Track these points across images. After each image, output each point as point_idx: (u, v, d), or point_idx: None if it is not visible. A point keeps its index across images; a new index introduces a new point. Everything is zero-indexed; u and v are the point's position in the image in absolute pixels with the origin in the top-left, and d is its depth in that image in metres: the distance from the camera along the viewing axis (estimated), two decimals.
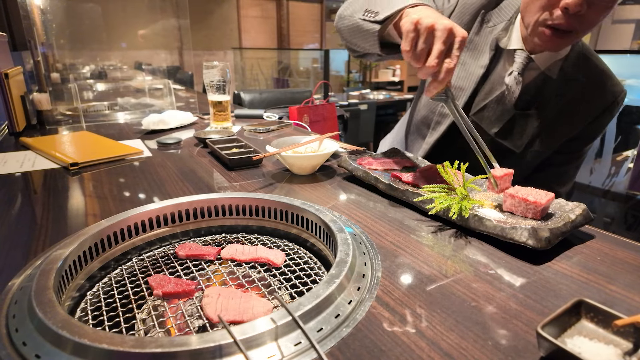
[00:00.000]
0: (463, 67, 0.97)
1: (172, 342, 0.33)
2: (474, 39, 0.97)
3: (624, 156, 2.42)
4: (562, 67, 0.89)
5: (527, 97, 0.92)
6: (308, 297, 0.39)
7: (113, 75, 2.51)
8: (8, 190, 0.78)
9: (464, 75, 0.97)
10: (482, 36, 0.96)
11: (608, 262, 0.50)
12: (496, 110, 0.94)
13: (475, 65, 0.95)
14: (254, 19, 6.16)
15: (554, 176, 1.00)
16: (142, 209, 0.58)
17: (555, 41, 0.81)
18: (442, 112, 1.00)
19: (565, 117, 0.92)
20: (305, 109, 1.72)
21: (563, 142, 0.95)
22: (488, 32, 0.95)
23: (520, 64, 0.89)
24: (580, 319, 0.36)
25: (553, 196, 0.58)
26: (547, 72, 0.89)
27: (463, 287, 0.45)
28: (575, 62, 0.90)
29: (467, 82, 0.96)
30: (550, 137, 0.94)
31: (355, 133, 3.43)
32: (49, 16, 1.72)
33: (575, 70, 0.90)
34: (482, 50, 0.95)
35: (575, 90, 0.90)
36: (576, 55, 0.90)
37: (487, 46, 0.94)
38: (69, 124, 1.41)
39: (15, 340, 0.36)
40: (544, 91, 0.91)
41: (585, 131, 0.94)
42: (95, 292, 0.49)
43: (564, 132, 0.94)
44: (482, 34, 0.96)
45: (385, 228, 0.60)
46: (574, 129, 0.93)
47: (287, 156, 0.80)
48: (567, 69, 0.89)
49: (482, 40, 0.96)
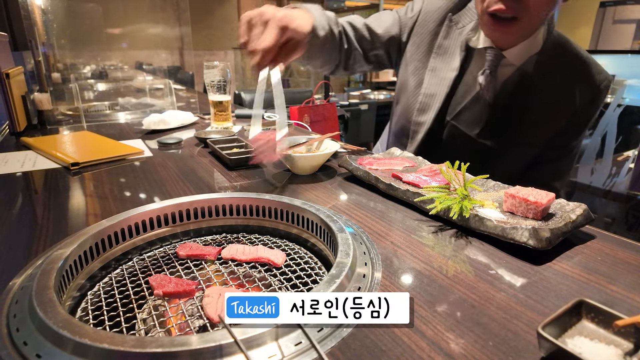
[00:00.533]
0: (434, 74, 0.96)
1: (172, 342, 0.33)
2: (443, 43, 0.95)
3: (625, 156, 2.41)
4: (538, 60, 0.87)
5: (505, 95, 0.90)
6: None
7: (114, 75, 2.51)
8: (9, 190, 0.78)
9: (436, 82, 0.96)
10: (452, 39, 0.95)
11: (609, 263, 0.50)
12: (474, 111, 0.93)
13: (447, 69, 0.94)
14: None
15: (547, 173, 0.97)
16: (142, 208, 0.58)
17: (499, 29, 0.79)
18: (417, 121, 0.99)
19: (547, 111, 0.90)
20: (305, 109, 1.72)
21: (550, 137, 0.92)
22: (458, 34, 0.94)
23: (491, 62, 0.87)
24: (580, 319, 0.36)
25: (554, 196, 0.58)
26: (523, 68, 0.88)
27: (464, 287, 0.45)
28: (551, 55, 0.87)
29: (440, 87, 0.95)
30: (535, 133, 0.92)
31: (356, 133, 3.43)
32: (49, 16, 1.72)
33: (553, 63, 0.88)
34: (453, 53, 0.94)
35: (555, 83, 0.88)
36: (552, 47, 0.88)
37: (458, 49, 0.93)
38: (70, 124, 1.41)
39: (16, 339, 0.36)
40: (522, 87, 0.89)
41: (571, 124, 0.91)
42: (96, 292, 0.49)
43: (549, 127, 0.91)
44: (451, 37, 0.95)
45: (385, 228, 0.59)
46: (559, 122, 0.91)
47: (287, 156, 0.80)
48: (543, 62, 0.87)
49: (452, 43, 0.94)
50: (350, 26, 0.96)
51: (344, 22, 0.96)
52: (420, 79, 0.98)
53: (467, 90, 0.93)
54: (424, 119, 0.97)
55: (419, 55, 0.98)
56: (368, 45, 0.99)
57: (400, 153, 0.88)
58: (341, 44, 0.95)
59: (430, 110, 0.96)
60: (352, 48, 0.97)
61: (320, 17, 0.81)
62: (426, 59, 0.97)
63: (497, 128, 0.92)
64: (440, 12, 0.96)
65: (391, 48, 1.01)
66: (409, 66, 1.00)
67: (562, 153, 0.96)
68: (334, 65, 0.98)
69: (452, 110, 0.96)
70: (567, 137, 0.94)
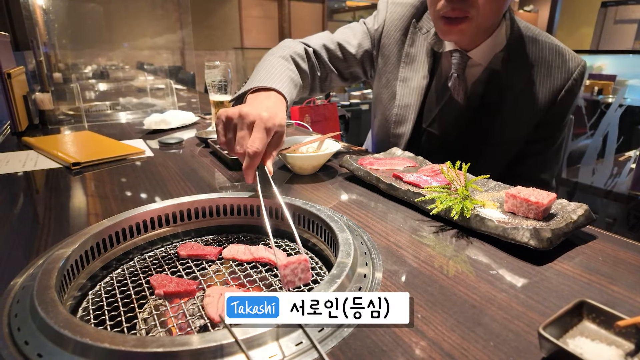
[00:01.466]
0: (406, 84, 0.96)
1: (173, 341, 0.33)
2: (410, 51, 0.95)
3: (627, 156, 2.41)
4: (505, 57, 0.86)
5: (477, 96, 0.90)
6: None
7: (115, 75, 2.51)
8: (10, 190, 0.78)
9: (408, 92, 0.95)
10: (418, 46, 0.94)
11: (610, 263, 0.50)
12: (449, 115, 0.93)
13: (417, 78, 0.94)
14: (255, 19, 6.16)
15: (534, 166, 0.96)
16: (143, 208, 0.58)
17: (451, 30, 0.79)
18: (395, 134, 0.99)
19: (522, 106, 0.88)
20: (306, 109, 1.72)
21: (530, 131, 0.91)
22: (423, 40, 0.93)
23: (458, 64, 0.87)
24: (582, 320, 0.36)
25: (555, 197, 0.57)
26: (490, 66, 0.87)
27: (465, 287, 0.45)
28: (518, 49, 0.86)
29: (413, 97, 0.95)
30: (513, 129, 0.90)
31: (357, 133, 3.43)
32: (51, 16, 1.73)
33: (521, 57, 0.87)
34: (421, 61, 0.93)
35: (526, 77, 0.87)
36: (517, 42, 0.87)
37: (425, 55, 0.92)
38: (71, 124, 1.42)
39: (17, 339, 0.36)
40: (493, 85, 0.88)
41: (550, 115, 0.89)
42: (97, 292, 0.49)
43: (526, 121, 0.90)
44: (417, 44, 0.94)
45: (386, 228, 0.59)
46: (535, 115, 0.89)
47: (288, 156, 0.80)
48: (510, 58, 0.86)
49: (419, 50, 0.94)
50: (323, 49, 0.96)
51: (318, 47, 0.96)
52: (392, 92, 0.98)
53: (439, 96, 0.93)
54: (402, 131, 0.98)
55: (389, 67, 0.98)
56: (342, 64, 0.99)
57: (401, 153, 0.88)
58: (314, 73, 0.96)
59: (406, 121, 0.97)
60: (327, 71, 0.98)
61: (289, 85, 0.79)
62: (396, 70, 0.97)
63: (473, 130, 0.92)
64: (404, 20, 0.95)
65: (365, 63, 1.01)
66: (381, 79, 1.01)
67: (546, 145, 0.94)
68: (309, 90, 0.99)
69: (427, 117, 0.96)
70: (548, 129, 0.92)
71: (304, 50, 0.93)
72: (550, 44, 0.88)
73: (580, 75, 0.88)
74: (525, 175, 0.95)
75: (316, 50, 0.96)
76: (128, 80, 2.34)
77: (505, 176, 0.95)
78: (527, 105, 0.88)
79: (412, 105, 0.95)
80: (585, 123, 2.53)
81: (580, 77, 0.88)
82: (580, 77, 0.88)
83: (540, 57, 0.87)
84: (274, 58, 0.85)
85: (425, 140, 0.98)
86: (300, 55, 0.92)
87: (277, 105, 0.70)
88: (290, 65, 0.86)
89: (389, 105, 0.99)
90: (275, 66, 0.82)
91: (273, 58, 0.85)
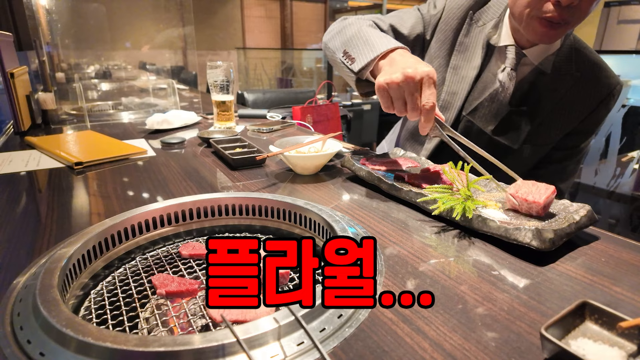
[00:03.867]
0: (456, 72, 0.97)
1: (175, 341, 0.33)
2: (464, 41, 0.96)
3: (630, 157, 2.40)
4: (555, 61, 0.88)
5: (521, 93, 0.91)
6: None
7: (117, 75, 2.52)
8: (13, 189, 0.79)
9: (457, 80, 0.96)
10: (472, 37, 0.95)
11: (613, 264, 0.50)
12: (491, 108, 0.94)
13: (468, 67, 0.95)
14: (257, 19, 6.16)
15: (554, 173, 0.98)
16: (145, 208, 0.58)
17: (549, 34, 0.80)
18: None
19: (560, 112, 0.91)
20: (308, 109, 1.72)
21: (560, 137, 0.94)
22: (478, 32, 0.94)
23: (513, 60, 0.88)
24: (584, 321, 0.36)
25: (554, 189, 0.57)
26: (540, 67, 0.89)
27: (466, 287, 0.45)
28: (567, 56, 0.89)
29: (461, 85, 0.96)
30: (547, 133, 0.93)
31: (359, 133, 3.43)
32: (54, 16, 1.73)
33: (568, 64, 0.89)
34: (474, 51, 0.95)
35: (569, 84, 0.89)
36: (568, 49, 0.89)
37: (479, 46, 0.94)
38: (74, 124, 1.42)
39: (19, 338, 0.36)
40: (538, 86, 0.90)
41: (582, 125, 0.93)
42: (99, 291, 0.50)
43: (560, 127, 0.93)
44: (471, 34, 0.96)
45: (388, 228, 0.59)
46: (570, 123, 0.92)
47: (290, 156, 0.80)
48: (559, 63, 0.88)
49: (473, 41, 0.95)
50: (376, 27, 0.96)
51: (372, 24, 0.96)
52: (442, 77, 0.99)
53: (485, 87, 0.94)
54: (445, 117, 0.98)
55: (442, 52, 0.99)
56: None
57: (403, 153, 0.88)
58: None
59: (451, 108, 0.97)
60: None
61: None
62: (448, 56, 0.98)
63: (511, 126, 0.93)
64: (462, 9, 0.97)
65: (416, 46, 1.02)
66: (433, 63, 1.01)
67: (571, 154, 0.97)
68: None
69: (469, 105, 0.97)
70: (577, 138, 0.95)
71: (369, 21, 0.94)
72: (594, 58, 0.91)
73: (617, 93, 0.92)
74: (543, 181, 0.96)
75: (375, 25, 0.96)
76: (130, 80, 2.35)
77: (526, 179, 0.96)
78: (565, 112, 0.91)
79: (459, 93, 0.96)
80: None
81: (617, 95, 0.92)
82: (617, 95, 0.92)
83: (584, 68, 0.90)
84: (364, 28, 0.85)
85: (462, 128, 0.98)
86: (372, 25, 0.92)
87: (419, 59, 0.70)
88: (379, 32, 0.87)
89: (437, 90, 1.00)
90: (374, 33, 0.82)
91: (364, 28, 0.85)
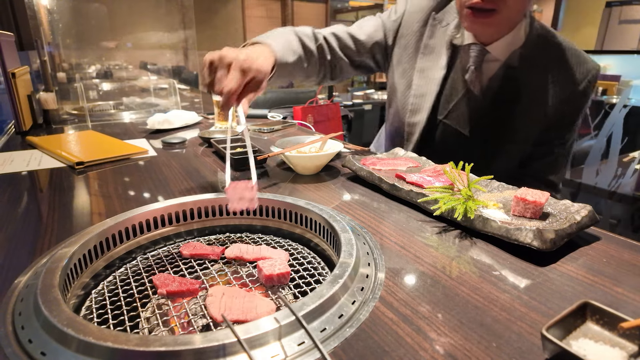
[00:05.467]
0: (423, 74, 0.97)
1: (176, 340, 0.33)
2: (429, 42, 0.96)
3: (631, 157, 2.40)
4: (522, 54, 0.87)
5: (493, 91, 0.90)
6: (311, 297, 0.39)
7: (118, 74, 2.52)
8: (14, 189, 0.79)
9: (425, 82, 0.96)
10: (437, 38, 0.95)
11: (614, 264, 0.50)
12: (465, 109, 0.93)
13: (435, 68, 0.95)
14: (259, 18, 6.16)
15: (543, 167, 0.96)
16: (146, 208, 0.58)
17: (478, 21, 0.80)
18: (410, 122, 0.99)
19: (536, 105, 0.89)
20: (309, 109, 1.72)
21: (542, 130, 0.92)
22: (442, 33, 0.94)
23: (475, 58, 0.88)
24: (585, 321, 0.36)
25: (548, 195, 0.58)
26: (508, 62, 0.88)
27: (467, 288, 0.45)
28: (536, 47, 0.87)
29: (429, 86, 0.95)
30: (526, 128, 0.91)
31: (360, 133, 3.42)
32: (55, 16, 1.73)
33: (538, 55, 0.87)
34: (439, 52, 0.94)
35: (541, 75, 0.88)
36: (535, 40, 0.87)
37: (444, 47, 0.93)
38: (75, 123, 1.42)
39: (21, 337, 0.36)
40: (509, 82, 0.89)
41: (562, 116, 0.90)
42: (100, 291, 0.50)
43: (539, 120, 0.90)
44: (436, 36, 0.95)
45: (389, 228, 0.59)
46: (549, 115, 0.90)
47: (291, 156, 0.80)
48: (528, 55, 0.87)
49: (438, 42, 0.95)
50: (333, 37, 0.98)
51: (327, 34, 0.97)
52: (409, 81, 0.99)
53: (456, 88, 0.94)
54: (416, 120, 0.98)
55: (407, 57, 0.99)
56: (353, 53, 1.00)
57: (404, 153, 0.88)
58: (323, 56, 0.96)
59: (422, 110, 0.97)
60: (337, 58, 0.99)
61: (284, 46, 0.82)
62: (414, 60, 0.98)
63: (488, 124, 0.92)
64: (423, 12, 0.97)
65: (377, 53, 1.02)
66: (397, 69, 1.02)
67: (557, 146, 0.95)
68: (320, 77, 1.00)
69: (443, 109, 0.96)
70: (560, 130, 0.93)
71: (312, 32, 0.95)
72: (566, 45, 0.89)
73: (595, 78, 0.89)
74: (535, 176, 0.96)
75: (326, 36, 0.97)
76: (131, 80, 2.35)
77: (515, 176, 0.95)
78: (541, 104, 0.89)
79: (428, 95, 0.96)
80: (589, 123, 2.52)
81: (594, 80, 0.89)
82: (594, 80, 0.89)
83: (556, 57, 0.88)
84: (278, 29, 0.88)
85: (440, 132, 0.98)
86: (307, 34, 0.93)
87: (260, 53, 0.72)
88: (291, 37, 0.88)
89: (405, 94, 1.00)
90: (275, 32, 0.86)
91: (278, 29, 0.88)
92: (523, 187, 0.61)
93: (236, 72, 0.63)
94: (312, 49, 0.92)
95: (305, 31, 0.93)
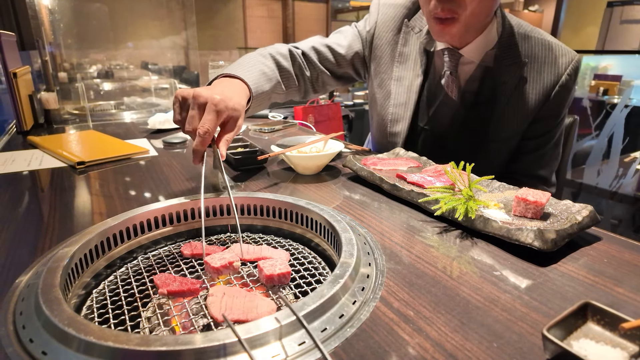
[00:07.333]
0: (400, 83, 0.96)
1: (176, 340, 0.33)
2: (404, 50, 0.96)
3: (632, 157, 2.39)
4: (497, 54, 0.86)
5: (471, 93, 0.90)
6: (312, 297, 0.39)
7: (120, 74, 2.52)
8: (16, 189, 0.79)
9: (403, 90, 0.96)
10: (411, 45, 0.95)
11: (615, 265, 0.50)
12: (445, 113, 0.93)
13: (411, 76, 0.95)
14: (259, 18, 6.16)
15: (533, 162, 0.95)
16: (147, 207, 0.58)
17: (442, 31, 0.81)
18: (392, 132, 0.99)
19: (516, 102, 0.88)
20: (310, 109, 1.72)
21: (525, 127, 0.90)
22: (416, 40, 0.94)
23: (450, 62, 0.88)
24: (586, 322, 0.36)
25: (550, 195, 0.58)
26: (483, 64, 0.88)
27: (468, 288, 0.45)
28: (509, 46, 0.87)
29: (408, 95, 0.95)
30: (509, 127, 0.90)
31: (360, 133, 3.42)
32: (56, 16, 1.74)
33: (513, 54, 0.87)
34: (415, 59, 0.94)
35: (518, 73, 0.87)
36: (508, 39, 0.87)
37: (419, 54, 0.93)
38: (76, 123, 1.43)
39: (22, 337, 0.36)
40: (486, 82, 0.88)
41: (546, 109, 0.89)
42: (101, 290, 0.50)
43: (521, 117, 0.89)
44: (410, 43, 0.95)
45: (389, 228, 0.59)
46: (531, 111, 0.88)
47: (292, 156, 0.80)
48: (502, 55, 0.86)
49: (412, 49, 0.95)
50: (313, 50, 0.98)
51: (306, 48, 0.97)
52: (387, 91, 0.99)
53: (434, 94, 0.93)
54: (398, 129, 0.98)
55: (383, 67, 0.99)
56: (333, 65, 1.00)
57: (405, 153, 0.88)
58: (301, 73, 0.96)
59: (402, 120, 0.97)
60: (318, 71, 0.99)
61: (258, 76, 0.81)
62: (390, 69, 0.98)
63: (470, 128, 0.92)
64: (395, 20, 0.96)
65: (357, 64, 1.03)
66: (375, 79, 1.02)
67: (544, 141, 0.94)
68: (302, 92, 1.00)
69: (424, 115, 0.96)
70: (545, 123, 0.91)
71: (289, 51, 0.95)
72: (542, 40, 0.88)
73: (574, 70, 0.87)
74: (524, 171, 0.95)
75: (305, 51, 0.97)
76: (132, 80, 2.35)
77: (504, 173, 0.95)
78: (521, 101, 0.88)
79: (407, 104, 0.96)
80: (591, 124, 2.52)
81: (575, 71, 0.87)
82: (575, 71, 0.87)
83: (532, 53, 0.87)
84: (251, 54, 0.88)
85: (423, 139, 0.98)
86: (283, 54, 0.93)
87: (234, 91, 0.71)
88: (266, 61, 0.88)
89: (385, 105, 1.00)
90: (248, 59, 0.85)
91: (251, 54, 0.88)
92: (516, 185, 0.61)
93: (211, 114, 0.61)
94: (289, 68, 0.93)
95: (281, 50, 0.93)
